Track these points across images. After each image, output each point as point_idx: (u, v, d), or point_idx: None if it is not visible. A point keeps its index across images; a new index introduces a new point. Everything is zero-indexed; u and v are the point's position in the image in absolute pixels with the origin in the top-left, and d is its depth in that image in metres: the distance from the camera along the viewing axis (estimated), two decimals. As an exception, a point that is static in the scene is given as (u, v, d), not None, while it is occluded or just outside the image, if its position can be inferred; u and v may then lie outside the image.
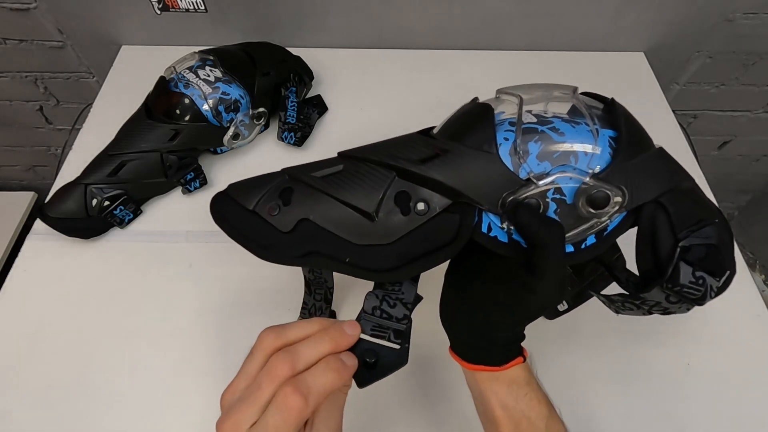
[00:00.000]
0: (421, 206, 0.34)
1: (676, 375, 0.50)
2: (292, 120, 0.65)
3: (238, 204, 0.38)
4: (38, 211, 0.56)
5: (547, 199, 0.33)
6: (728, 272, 0.33)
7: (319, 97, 0.73)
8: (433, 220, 0.34)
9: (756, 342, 0.52)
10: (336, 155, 0.39)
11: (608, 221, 0.33)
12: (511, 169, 0.33)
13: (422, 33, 0.79)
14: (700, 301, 0.33)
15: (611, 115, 0.35)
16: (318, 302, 0.48)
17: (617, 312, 0.40)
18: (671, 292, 0.33)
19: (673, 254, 0.33)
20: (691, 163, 0.67)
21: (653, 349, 0.51)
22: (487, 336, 0.36)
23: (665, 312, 0.36)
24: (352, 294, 0.54)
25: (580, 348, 0.51)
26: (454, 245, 0.34)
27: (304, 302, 0.49)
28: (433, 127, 0.39)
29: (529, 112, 0.34)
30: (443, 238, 0.34)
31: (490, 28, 0.78)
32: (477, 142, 0.34)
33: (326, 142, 0.69)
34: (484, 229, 0.35)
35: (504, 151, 0.33)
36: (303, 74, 0.71)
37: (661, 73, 0.80)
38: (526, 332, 0.37)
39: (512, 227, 0.34)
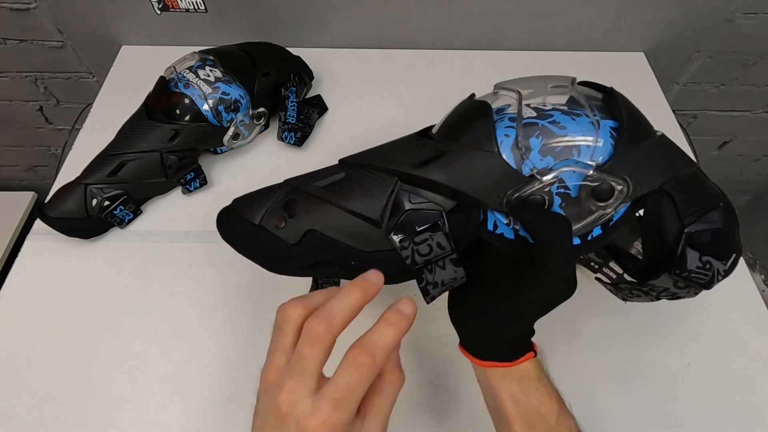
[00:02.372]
0: None
1: (676, 375, 0.50)
2: (292, 120, 0.65)
3: (244, 219, 0.38)
4: (38, 211, 0.56)
5: (552, 194, 0.33)
6: (734, 255, 0.34)
7: (319, 97, 0.73)
8: None
9: (756, 342, 0.52)
10: (337, 162, 0.38)
11: (613, 212, 0.33)
12: (514, 166, 0.33)
13: (422, 33, 0.79)
14: (708, 285, 0.34)
15: (611, 105, 0.35)
16: None
17: (625, 300, 0.40)
18: (679, 278, 0.34)
19: (680, 240, 0.33)
20: (691, 163, 0.67)
21: (653, 349, 0.51)
22: (495, 333, 0.36)
23: (673, 297, 0.36)
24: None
25: (580, 347, 0.51)
26: (460, 244, 0.35)
27: None
28: (431, 127, 0.39)
29: (528, 105, 0.34)
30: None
31: (490, 28, 0.78)
32: (476, 141, 0.33)
33: (326, 142, 0.69)
34: (490, 227, 0.35)
35: (505, 149, 0.33)
36: (303, 74, 0.71)
37: (661, 73, 0.80)
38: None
39: (518, 224, 0.34)
